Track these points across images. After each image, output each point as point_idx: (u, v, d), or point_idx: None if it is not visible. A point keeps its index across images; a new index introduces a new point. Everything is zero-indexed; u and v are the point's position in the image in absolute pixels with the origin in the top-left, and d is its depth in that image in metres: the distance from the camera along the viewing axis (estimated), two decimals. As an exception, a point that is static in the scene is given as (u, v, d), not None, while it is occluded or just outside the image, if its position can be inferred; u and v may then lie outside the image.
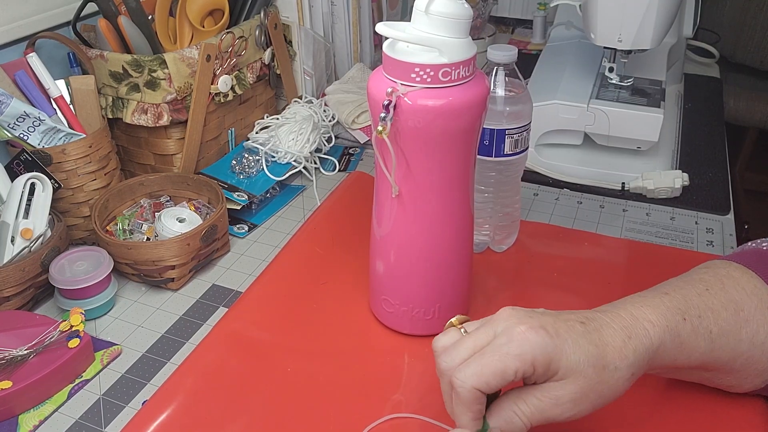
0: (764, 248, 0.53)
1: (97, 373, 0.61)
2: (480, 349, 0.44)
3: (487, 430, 0.44)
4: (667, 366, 0.48)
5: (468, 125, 0.52)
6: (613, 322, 0.45)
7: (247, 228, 0.81)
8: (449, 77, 0.49)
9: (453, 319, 0.48)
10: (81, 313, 0.62)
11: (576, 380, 0.43)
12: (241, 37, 0.86)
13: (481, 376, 0.42)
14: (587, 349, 0.43)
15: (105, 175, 0.77)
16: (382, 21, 0.54)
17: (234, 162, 0.86)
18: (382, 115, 0.50)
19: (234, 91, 0.86)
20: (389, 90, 0.50)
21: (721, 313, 0.48)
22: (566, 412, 0.43)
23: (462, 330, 0.47)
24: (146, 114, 0.78)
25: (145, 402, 0.56)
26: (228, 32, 0.83)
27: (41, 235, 0.68)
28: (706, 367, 0.49)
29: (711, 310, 0.48)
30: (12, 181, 0.68)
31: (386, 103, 0.49)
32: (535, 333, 0.42)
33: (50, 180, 0.69)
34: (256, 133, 0.93)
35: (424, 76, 0.49)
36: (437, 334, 0.62)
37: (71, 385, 0.60)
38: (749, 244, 0.55)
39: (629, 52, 0.84)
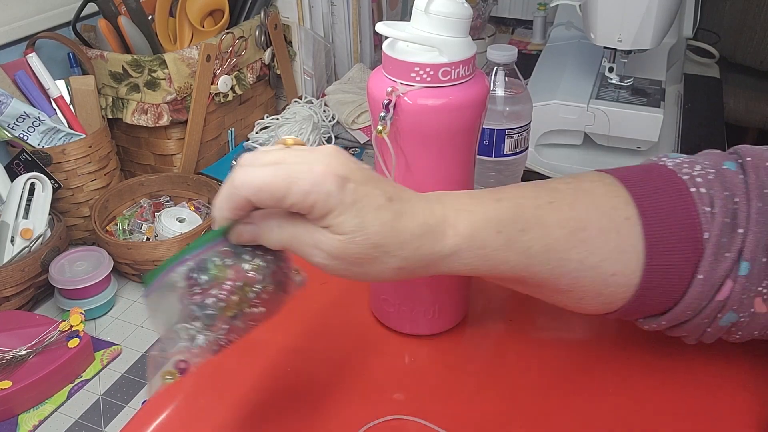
0: (660, 163, 0.49)
1: (97, 373, 0.61)
2: (281, 163, 0.41)
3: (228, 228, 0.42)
4: (465, 272, 0.45)
5: (468, 125, 0.52)
6: (418, 215, 0.43)
7: (247, 228, 0.81)
8: (449, 76, 0.49)
9: (288, 139, 0.45)
10: (81, 313, 0.62)
11: (343, 242, 0.41)
12: (241, 37, 0.86)
13: (257, 185, 0.40)
14: (370, 222, 0.41)
15: (105, 175, 0.77)
16: (382, 21, 0.54)
17: (234, 162, 0.86)
18: (382, 114, 0.50)
19: (234, 92, 0.86)
20: (389, 89, 0.50)
21: (554, 230, 0.45)
22: (319, 259, 0.42)
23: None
24: (146, 114, 0.78)
25: (144, 402, 0.56)
26: (228, 32, 0.83)
27: (41, 235, 0.68)
28: (523, 281, 0.46)
29: (542, 225, 0.44)
30: (12, 181, 0.68)
31: (386, 102, 0.49)
32: (330, 180, 0.40)
33: (50, 180, 0.69)
34: (256, 133, 0.93)
35: (424, 76, 0.49)
36: (437, 333, 0.62)
37: (71, 385, 0.60)
38: (657, 157, 0.51)
39: (629, 52, 0.84)
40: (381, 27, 0.49)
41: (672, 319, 0.48)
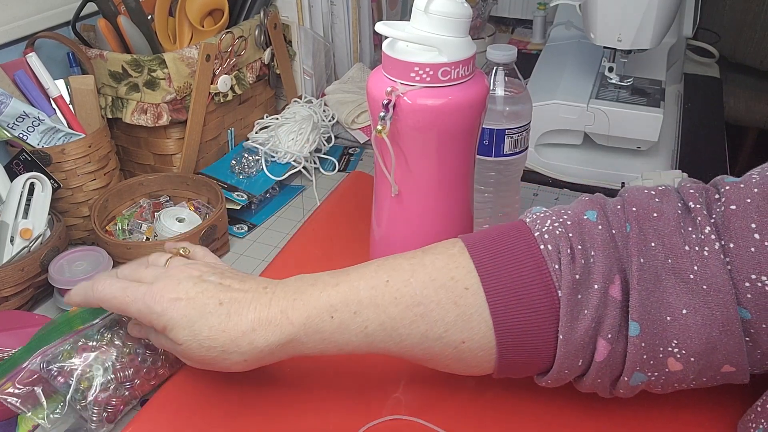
0: (521, 219, 0.48)
1: (97, 373, 0.61)
2: (140, 280, 0.50)
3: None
4: (313, 352, 0.48)
5: (467, 124, 0.52)
6: (249, 312, 0.47)
7: (246, 228, 0.81)
8: (449, 76, 0.49)
9: (180, 249, 0.56)
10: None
11: (183, 349, 0.48)
12: (241, 36, 0.86)
13: (107, 298, 0.50)
14: (199, 331, 0.47)
15: (104, 175, 0.77)
16: (381, 21, 0.54)
17: (233, 162, 0.86)
18: (382, 114, 0.50)
19: (233, 91, 0.86)
20: (389, 89, 0.50)
21: (389, 308, 0.46)
22: (175, 354, 0.51)
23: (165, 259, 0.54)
24: (146, 114, 0.78)
25: (145, 401, 0.56)
26: (228, 32, 0.83)
27: (40, 235, 0.68)
28: (381, 355, 0.49)
29: (376, 306, 0.46)
30: (11, 181, 0.68)
31: (386, 102, 0.49)
32: (160, 303, 0.48)
33: (50, 180, 0.69)
34: (256, 133, 0.93)
35: (424, 76, 0.49)
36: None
37: (70, 385, 0.59)
38: (528, 211, 0.50)
39: (629, 51, 0.84)
40: (381, 27, 0.49)
41: (555, 379, 0.48)
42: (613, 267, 0.44)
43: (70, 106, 0.77)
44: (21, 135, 0.72)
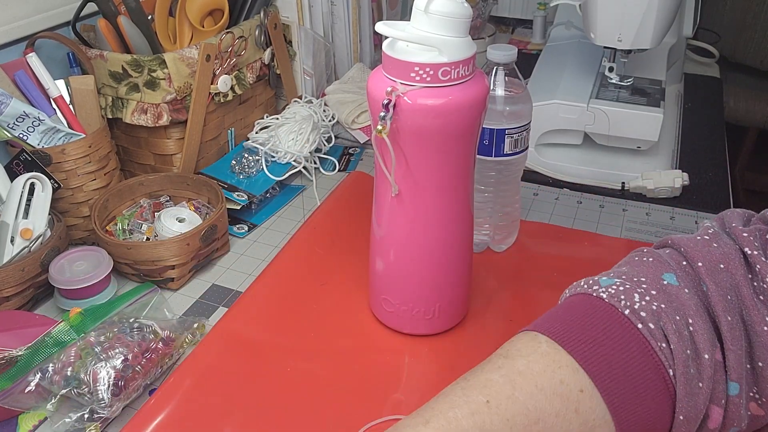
0: (597, 296, 0.43)
1: (97, 373, 0.61)
2: None
3: None
4: None
5: (468, 124, 0.52)
6: None
7: (246, 228, 0.81)
8: (449, 76, 0.49)
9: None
10: (80, 312, 0.62)
11: None
12: (241, 37, 0.86)
13: None
14: None
15: (105, 175, 0.77)
16: (381, 21, 0.54)
17: (234, 162, 0.86)
18: (382, 114, 0.50)
19: (234, 91, 0.86)
20: (389, 89, 0.49)
21: (518, 420, 0.39)
22: None
23: None
24: (146, 114, 0.78)
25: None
26: (228, 32, 0.83)
27: (41, 235, 0.68)
28: None
29: (500, 416, 0.39)
30: (12, 181, 0.68)
31: (386, 102, 0.49)
32: None
33: (50, 180, 0.69)
34: (256, 133, 0.93)
35: (424, 76, 0.49)
36: (437, 333, 0.62)
37: (71, 385, 0.60)
38: (581, 284, 0.46)
39: (629, 51, 0.84)
40: (381, 27, 0.49)
41: None
42: (711, 331, 0.41)
43: (71, 106, 0.77)
44: (21, 135, 0.72)
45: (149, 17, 0.82)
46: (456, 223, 0.57)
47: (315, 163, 0.92)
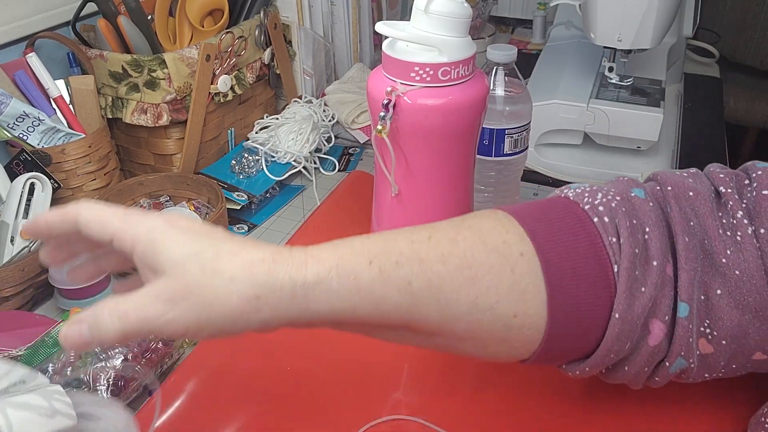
0: (562, 195, 0.45)
1: (97, 373, 0.61)
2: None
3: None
4: (348, 315, 0.39)
5: (467, 124, 0.52)
6: (269, 246, 0.39)
7: (246, 228, 0.81)
8: (449, 76, 0.49)
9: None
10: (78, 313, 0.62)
11: (176, 276, 0.36)
12: (241, 37, 0.86)
13: (89, 210, 0.39)
14: (202, 249, 0.37)
15: (104, 175, 0.77)
16: (381, 21, 0.54)
17: (234, 162, 0.86)
18: (382, 114, 0.50)
19: (234, 91, 0.86)
20: (389, 89, 0.50)
21: (435, 265, 0.39)
22: (164, 315, 0.36)
23: None
24: (146, 114, 0.78)
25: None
26: (228, 32, 0.83)
27: (41, 235, 0.68)
28: (416, 328, 0.40)
29: (420, 260, 0.39)
30: (11, 181, 0.68)
31: (386, 102, 0.49)
32: (159, 219, 0.38)
33: (50, 180, 0.69)
34: (256, 133, 0.93)
35: (424, 75, 0.49)
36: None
37: (71, 385, 0.60)
38: (559, 190, 0.47)
39: (629, 51, 0.84)
40: (381, 27, 0.49)
41: (596, 365, 0.43)
42: (666, 245, 0.41)
43: (70, 106, 0.77)
44: (21, 135, 0.72)
45: (149, 17, 0.82)
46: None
47: (315, 163, 0.92)
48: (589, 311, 0.40)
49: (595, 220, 0.42)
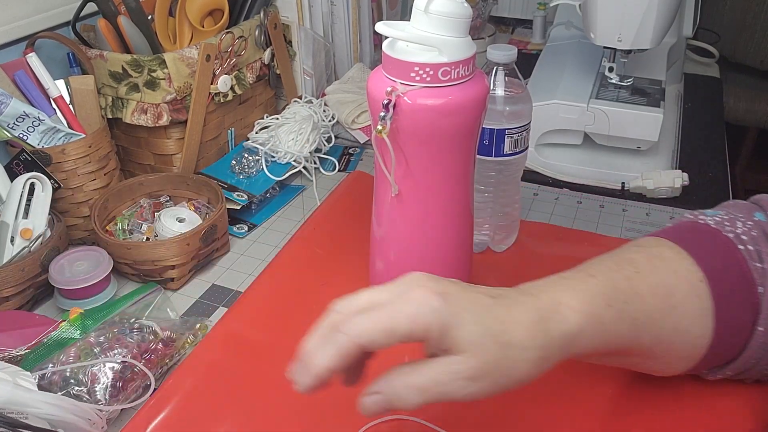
0: (701, 222, 0.51)
1: (97, 373, 0.61)
2: (376, 305, 0.41)
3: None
4: (588, 353, 0.45)
5: (468, 124, 0.52)
6: (528, 302, 0.43)
7: (246, 228, 0.81)
8: (449, 76, 0.49)
9: None
10: (80, 313, 0.62)
11: (476, 354, 0.40)
12: (241, 37, 0.86)
13: (368, 331, 0.40)
14: (491, 323, 0.41)
15: (104, 175, 0.77)
16: (381, 21, 0.54)
17: (234, 162, 0.86)
18: (382, 114, 0.50)
19: (234, 91, 0.86)
20: (389, 89, 0.50)
21: (649, 299, 0.46)
22: (465, 389, 0.40)
23: None
24: (146, 114, 0.78)
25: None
26: (228, 32, 0.83)
27: (41, 235, 0.68)
28: (628, 353, 0.48)
29: (638, 295, 0.45)
30: (11, 181, 0.68)
31: (386, 102, 0.49)
32: (433, 297, 0.40)
33: (50, 180, 0.69)
34: (256, 133, 0.93)
35: (424, 76, 0.49)
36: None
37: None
38: (687, 215, 0.53)
39: (629, 51, 0.84)
40: (381, 27, 0.49)
41: (737, 369, 0.51)
42: None
43: (70, 107, 0.77)
44: (21, 135, 0.72)
45: (149, 17, 0.82)
46: (456, 223, 0.57)
47: (315, 163, 0.92)
48: (740, 328, 0.48)
49: (741, 248, 0.48)
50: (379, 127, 0.50)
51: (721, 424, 0.52)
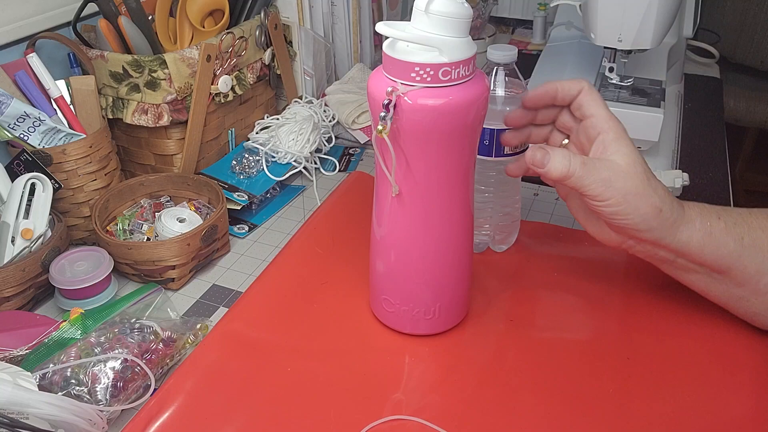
0: None
1: (98, 373, 0.61)
2: None
3: None
4: (695, 252, 0.55)
5: (468, 124, 0.52)
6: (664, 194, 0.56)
7: (247, 228, 0.81)
8: (449, 76, 0.49)
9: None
10: (81, 313, 0.62)
11: (616, 170, 0.55)
12: (242, 37, 0.86)
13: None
14: (639, 165, 0.57)
15: (105, 175, 0.77)
16: (382, 21, 0.54)
17: (234, 162, 0.86)
18: (382, 114, 0.50)
19: (234, 92, 0.86)
20: (389, 89, 0.50)
21: (758, 231, 0.55)
22: (595, 186, 0.54)
23: None
24: (146, 114, 0.78)
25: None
26: (228, 32, 0.84)
27: (41, 236, 0.68)
28: (734, 276, 0.55)
29: (748, 224, 0.55)
30: (12, 182, 0.68)
31: (386, 102, 0.49)
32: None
33: (50, 180, 0.69)
34: (257, 133, 0.93)
35: (424, 76, 0.49)
36: (437, 333, 0.62)
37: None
38: None
39: (629, 52, 0.84)
40: (381, 27, 0.49)
41: None
42: None
43: (71, 107, 0.77)
44: (22, 135, 0.72)
45: (150, 17, 0.82)
46: (456, 223, 0.57)
47: (315, 163, 0.92)
48: None
49: None
50: (380, 127, 0.50)
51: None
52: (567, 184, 0.56)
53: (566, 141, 0.62)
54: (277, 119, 0.93)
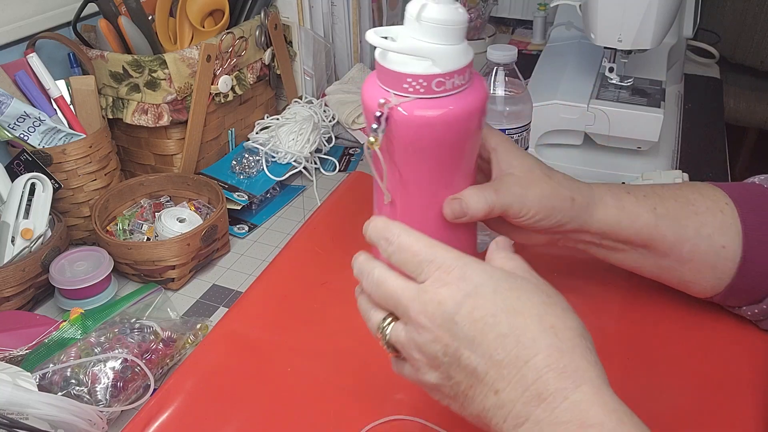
0: (748, 182, 0.59)
1: (98, 373, 0.61)
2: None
3: None
4: (614, 229, 0.56)
5: (466, 134, 0.49)
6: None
7: (247, 228, 0.81)
8: (443, 87, 0.46)
9: None
10: (81, 313, 0.62)
11: (521, 179, 0.54)
12: (242, 37, 0.86)
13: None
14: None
15: (105, 175, 0.77)
16: (382, 21, 0.53)
17: (234, 162, 0.86)
18: (374, 126, 0.47)
19: (234, 92, 0.86)
20: (381, 101, 0.47)
21: (669, 200, 0.56)
22: (514, 206, 0.54)
23: None
24: (146, 114, 0.78)
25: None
26: (228, 32, 0.84)
27: (41, 236, 0.68)
28: (656, 247, 0.56)
29: (658, 195, 0.56)
30: (12, 182, 0.68)
31: (378, 114, 0.47)
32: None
33: (50, 180, 0.70)
34: (257, 133, 0.93)
35: (417, 87, 0.46)
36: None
37: (71, 385, 0.60)
38: (752, 178, 0.60)
39: (629, 52, 0.84)
40: (371, 36, 0.46)
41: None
42: None
43: (71, 107, 0.77)
44: (22, 135, 0.72)
45: (150, 17, 0.82)
46: (456, 229, 0.56)
47: (315, 163, 0.92)
48: None
49: None
50: (371, 139, 0.48)
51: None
52: (492, 216, 0.54)
53: None
54: (277, 119, 0.93)
